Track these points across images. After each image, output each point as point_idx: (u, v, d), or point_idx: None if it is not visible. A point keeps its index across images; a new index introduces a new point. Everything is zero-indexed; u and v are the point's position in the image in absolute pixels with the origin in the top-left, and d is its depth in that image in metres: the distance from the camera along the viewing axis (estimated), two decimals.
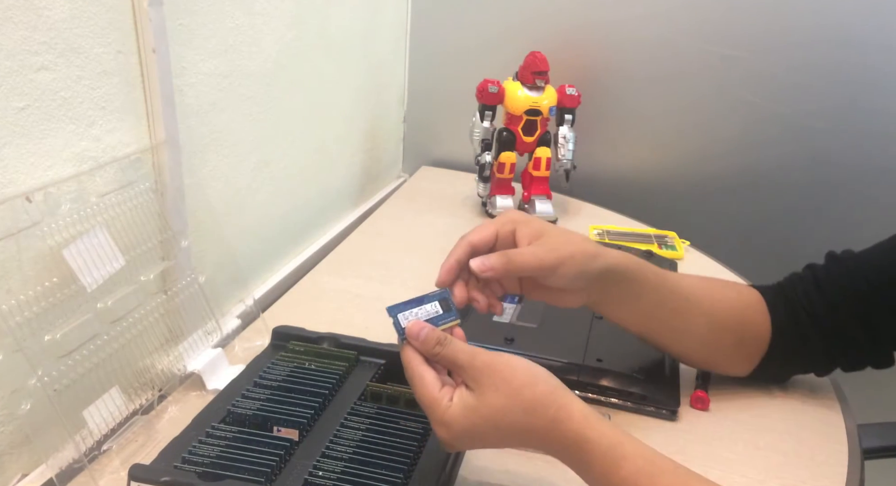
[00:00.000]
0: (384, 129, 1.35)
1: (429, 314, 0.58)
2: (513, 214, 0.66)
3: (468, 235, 0.63)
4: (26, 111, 0.58)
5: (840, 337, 0.72)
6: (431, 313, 0.59)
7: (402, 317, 0.58)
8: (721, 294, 0.74)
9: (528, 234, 0.64)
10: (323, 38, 1.04)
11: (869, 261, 0.72)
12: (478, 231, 0.63)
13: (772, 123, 1.23)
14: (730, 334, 0.73)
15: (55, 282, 0.60)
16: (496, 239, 0.64)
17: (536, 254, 0.62)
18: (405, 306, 0.59)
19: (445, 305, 0.59)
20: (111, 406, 0.64)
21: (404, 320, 0.57)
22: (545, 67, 1.14)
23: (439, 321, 0.58)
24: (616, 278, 0.67)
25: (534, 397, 0.53)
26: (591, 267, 0.65)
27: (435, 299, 0.59)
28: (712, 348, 0.74)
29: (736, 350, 0.74)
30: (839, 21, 1.15)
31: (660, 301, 0.70)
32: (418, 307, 0.58)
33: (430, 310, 0.59)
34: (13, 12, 0.55)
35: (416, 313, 0.58)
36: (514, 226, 0.64)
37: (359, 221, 1.20)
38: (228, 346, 0.82)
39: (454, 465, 0.63)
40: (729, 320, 0.73)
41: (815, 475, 0.68)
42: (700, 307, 0.72)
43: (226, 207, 0.87)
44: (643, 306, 0.70)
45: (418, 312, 0.58)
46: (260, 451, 0.58)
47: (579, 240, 0.65)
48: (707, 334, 0.72)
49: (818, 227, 1.25)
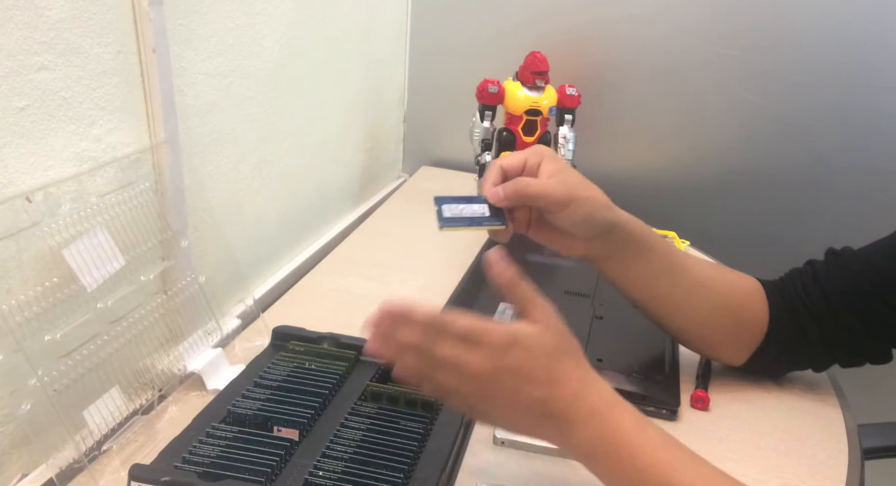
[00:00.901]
0: (384, 129, 1.35)
1: (475, 213, 0.57)
2: (542, 148, 0.67)
3: (500, 160, 0.64)
4: (26, 111, 0.58)
5: (837, 331, 0.72)
6: (478, 212, 0.57)
7: (446, 208, 0.56)
8: (723, 276, 0.75)
9: (550, 169, 0.65)
10: (323, 38, 1.04)
11: (868, 257, 0.73)
12: (509, 158, 0.65)
13: (772, 123, 1.23)
14: (729, 315, 0.73)
15: (55, 282, 0.60)
16: (524, 167, 0.65)
17: (549, 186, 0.63)
18: (453, 199, 0.57)
19: (494, 208, 0.58)
20: (111, 406, 0.64)
21: (448, 212, 0.56)
22: (545, 67, 1.13)
23: (484, 222, 0.57)
24: (622, 236, 0.67)
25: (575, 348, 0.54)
26: (600, 216, 0.65)
27: (484, 201, 0.58)
28: (709, 328, 0.74)
29: (733, 334, 0.75)
30: (839, 21, 1.15)
31: (662, 270, 0.71)
32: (466, 205, 0.57)
33: (477, 210, 0.57)
34: (13, 12, 0.55)
35: (463, 210, 0.56)
36: (542, 158, 0.65)
37: (359, 221, 1.20)
38: (228, 346, 0.82)
39: (454, 465, 0.63)
40: (729, 302, 0.73)
41: (815, 474, 0.68)
42: (702, 284, 0.73)
43: (226, 207, 0.87)
44: (646, 271, 0.70)
45: (465, 209, 0.56)
46: (260, 451, 0.58)
47: (596, 189, 0.66)
48: (706, 311, 0.73)
49: (818, 227, 1.25)
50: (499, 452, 0.68)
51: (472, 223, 0.59)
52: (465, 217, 0.58)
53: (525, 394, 0.52)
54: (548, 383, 0.52)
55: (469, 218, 0.57)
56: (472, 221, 0.58)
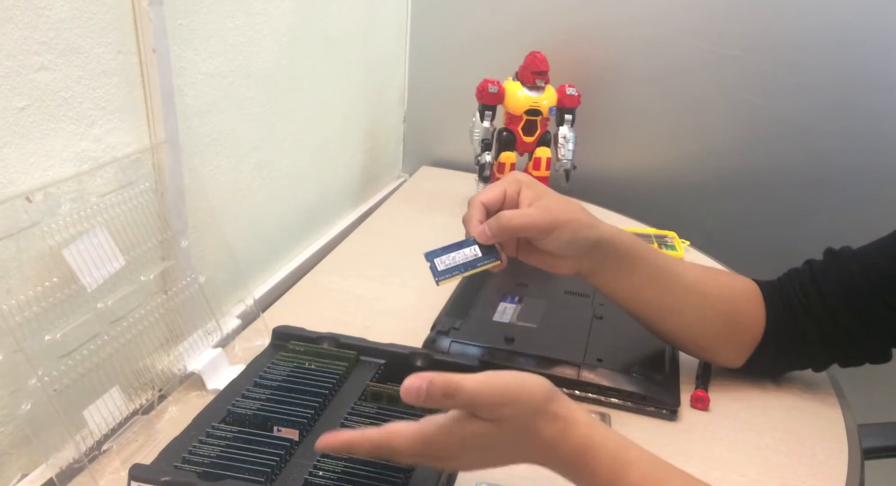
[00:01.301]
0: (384, 129, 1.35)
1: (467, 258, 0.58)
2: (518, 175, 0.68)
3: (480, 196, 0.65)
4: (26, 111, 0.58)
5: (836, 331, 0.72)
6: (470, 256, 0.58)
7: (438, 262, 0.57)
8: (715, 280, 0.75)
9: (529, 196, 0.66)
10: (323, 38, 1.04)
11: (867, 257, 0.73)
12: (487, 192, 0.66)
13: (772, 123, 1.23)
14: (722, 319, 0.74)
15: (55, 282, 0.60)
16: (504, 198, 0.66)
17: (531, 215, 0.64)
18: (443, 250, 0.58)
19: (486, 247, 0.59)
20: (111, 406, 0.64)
21: (441, 265, 0.57)
22: (545, 67, 1.14)
23: (478, 264, 0.58)
24: (609, 251, 0.69)
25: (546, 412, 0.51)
26: (584, 236, 0.67)
27: (475, 243, 0.59)
28: (703, 332, 0.74)
29: (728, 337, 0.75)
30: (840, 21, 1.15)
31: (652, 278, 0.71)
32: (456, 252, 0.58)
33: (468, 253, 0.59)
34: (13, 12, 0.55)
35: (454, 257, 0.57)
36: (519, 186, 0.67)
37: (359, 221, 1.20)
38: (228, 346, 0.82)
39: None
40: (721, 305, 0.74)
41: (815, 474, 0.68)
42: (693, 288, 0.73)
43: (226, 207, 0.87)
44: (635, 280, 0.71)
45: (456, 256, 0.57)
46: (260, 451, 0.58)
47: (577, 209, 0.67)
48: (698, 316, 0.73)
49: (818, 227, 1.25)
50: None
51: (468, 268, 0.61)
52: (458, 264, 0.60)
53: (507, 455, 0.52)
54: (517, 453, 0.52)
55: (463, 264, 0.59)
56: (466, 266, 0.60)
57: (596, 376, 0.75)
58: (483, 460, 0.52)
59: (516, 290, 0.91)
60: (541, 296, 0.90)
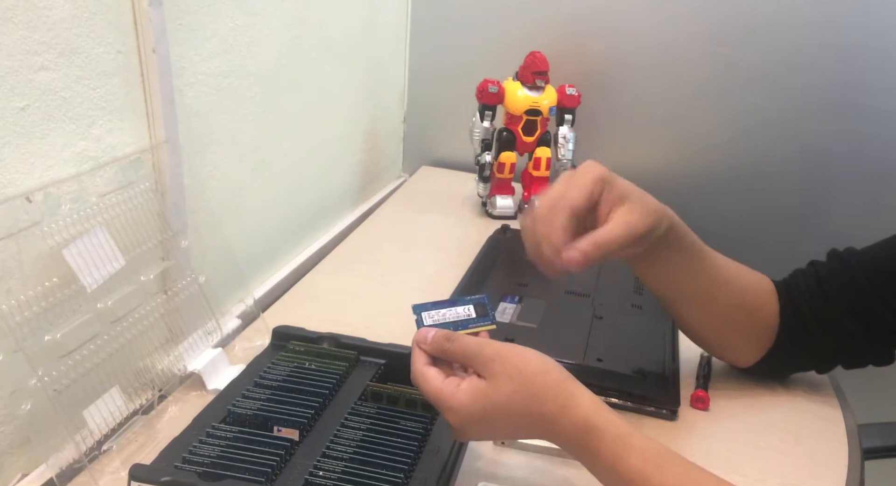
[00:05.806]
0: (384, 129, 1.35)
1: (458, 317, 0.55)
2: (600, 170, 0.62)
3: (568, 199, 0.60)
4: (26, 111, 0.58)
5: (840, 334, 0.72)
6: (462, 315, 0.56)
7: (426, 316, 0.55)
8: (745, 275, 0.75)
9: (610, 199, 0.61)
10: (323, 38, 1.04)
11: (870, 258, 0.73)
12: (573, 193, 0.60)
13: (772, 124, 1.23)
14: (746, 314, 0.73)
15: (55, 282, 0.60)
16: (588, 200, 0.61)
17: (631, 234, 0.61)
18: (433, 306, 0.56)
19: (481, 309, 0.56)
20: (111, 406, 0.64)
21: (429, 320, 0.55)
22: (545, 67, 1.14)
23: (470, 324, 0.55)
24: (672, 238, 0.67)
25: (545, 385, 0.53)
26: (663, 227, 0.65)
27: (470, 303, 0.56)
28: (727, 325, 0.74)
29: (748, 332, 0.75)
30: (840, 21, 1.15)
31: (697, 269, 0.71)
32: (448, 309, 0.55)
33: (461, 313, 0.56)
34: (13, 12, 0.55)
35: (445, 314, 0.55)
36: (604, 186, 0.61)
37: (359, 221, 1.20)
38: (228, 346, 0.82)
39: (454, 465, 0.63)
40: (747, 300, 0.73)
41: (815, 474, 0.68)
42: (727, 282, 0.73)
43: (226, 207, 0.87)
44: (682, 266, 0.70)
45: (447, 313, 0.55)
46: (260, 451, 0.58)
47: (652, 199, 0.64)
48: (727, 306, 0.73)
49: (818, 227, 1.25)
50: (499, 452, 0.68)
51: (457, 328, 0.56)
52: (448, 322, 0.56)
53: (511, 427, 0.54)
54: (520, 426, 0.54)
55: (453, 323, 0.55)
56: (456, 325, 0.56)
57: (596, 376, 0.75)
58: (487, 425, 0.54)
59: (516, 290, 0.91)
60: (541, 296, 0.90)
